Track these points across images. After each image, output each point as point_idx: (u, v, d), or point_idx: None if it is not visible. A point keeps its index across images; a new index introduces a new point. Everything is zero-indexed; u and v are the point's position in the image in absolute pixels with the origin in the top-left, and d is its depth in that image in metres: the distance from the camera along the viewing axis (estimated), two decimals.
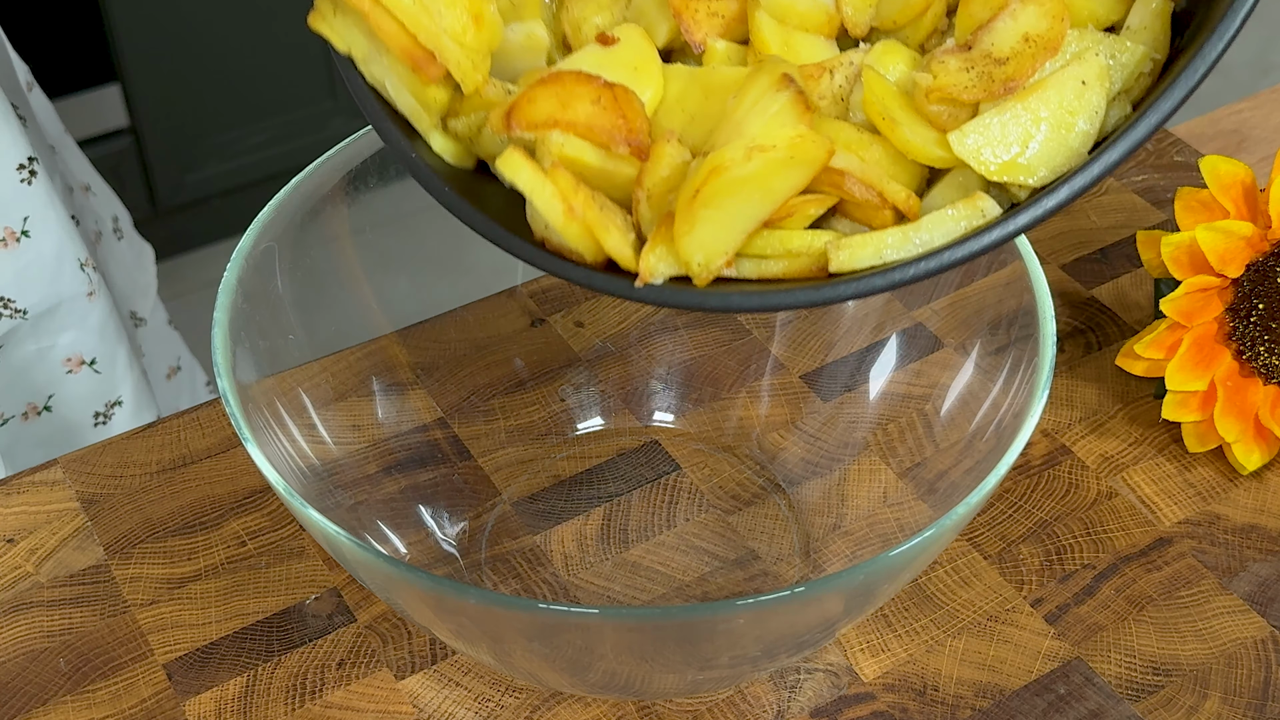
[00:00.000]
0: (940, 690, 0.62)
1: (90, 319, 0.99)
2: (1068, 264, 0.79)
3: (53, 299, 0.96)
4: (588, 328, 0.75)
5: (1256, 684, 0.62)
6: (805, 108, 0.47)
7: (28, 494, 0.70)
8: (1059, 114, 0.48)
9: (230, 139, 1.87)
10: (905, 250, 0.48)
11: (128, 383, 1.03)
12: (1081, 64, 0.48)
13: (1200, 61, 0.45)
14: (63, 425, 1.02)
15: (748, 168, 0.46)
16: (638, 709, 0.61)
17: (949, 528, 0.53)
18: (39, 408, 1.00)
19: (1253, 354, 0.68)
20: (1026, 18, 0.49)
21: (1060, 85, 0.47)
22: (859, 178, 0.48)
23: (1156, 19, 0.49)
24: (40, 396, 1.00)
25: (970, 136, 0.48)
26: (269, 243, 0.63)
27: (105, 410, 1.03)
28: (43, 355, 0.98)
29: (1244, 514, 0.68)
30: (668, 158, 0.49)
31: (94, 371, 1.01)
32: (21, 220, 0.93)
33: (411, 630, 0.64)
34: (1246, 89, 2.15)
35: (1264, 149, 0.88)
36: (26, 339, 0.97)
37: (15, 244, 0.93)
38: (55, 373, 1.00)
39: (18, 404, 0.99)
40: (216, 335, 0.58)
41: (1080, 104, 0.47)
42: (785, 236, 0.49)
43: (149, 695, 0.62)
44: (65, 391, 1.01)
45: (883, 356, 0.70)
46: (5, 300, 0.94)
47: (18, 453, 0.99)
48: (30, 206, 0.93)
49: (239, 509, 0.69)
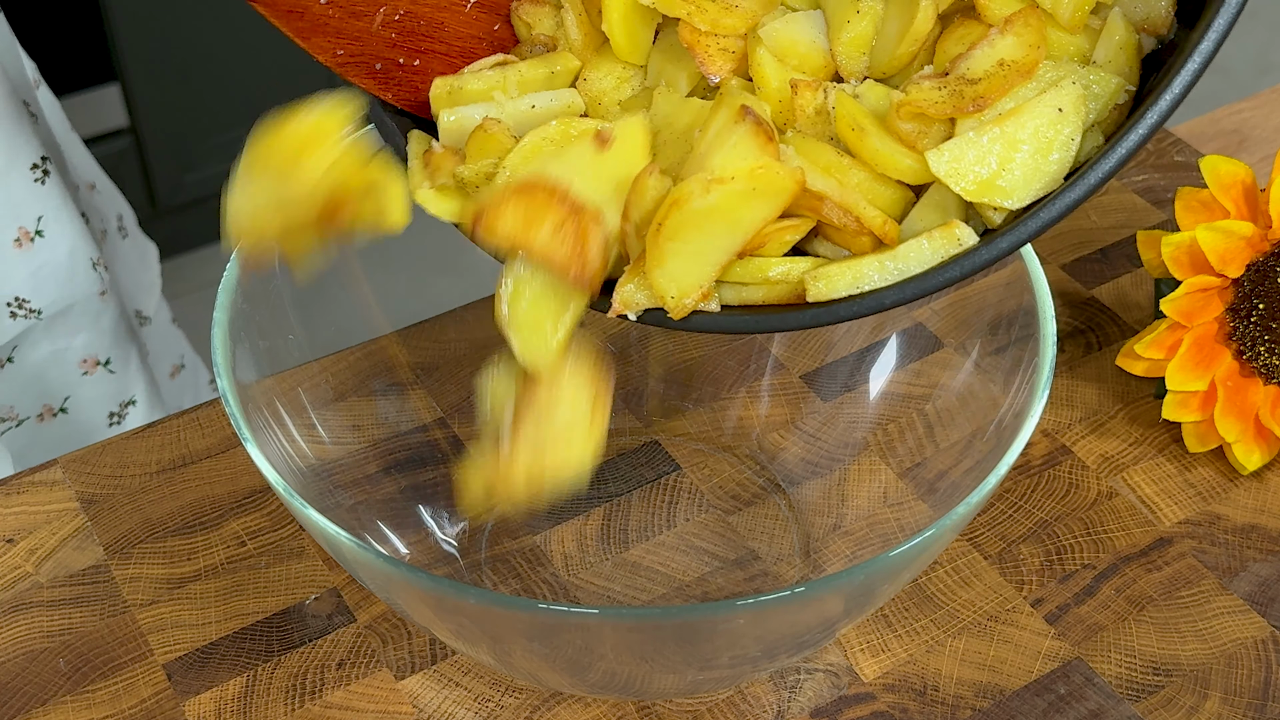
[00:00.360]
0: (940, 690, 0.62)
1: (103, 319, 0.99)
2: (1068, 264, 0.79)
3: (67, 299, 0.96)
4: (587, 328, 0.75)
5: (1257, 684, 0.62)
6: (767, 138, 0.47)
7: (28, 494, 0.70)
8: (1036, 138, 0.48)
9: (230, 139, 1.87)
10: (882, 278, 0.49)
11: (140, 382, 1.03)
12: (1059, 91, 0.48)
13: (1168, 93, 0.46)
14: (78, 427, 1.02)
15: (707, 200, 0.47)
16: (638, 709, 0.61)
17: (949, 528, 0.53)
18: (54, 409, 1.00)
19: (1253, 354, 0.68)
20: (1004, 45, 0.49)
21: (1037, 111, 0.48)
22: (836, 202, 0.48)
23: (1122, 52, 0.50)
24: (56, 398, 1.00)
25: (947, 154, 0.48)
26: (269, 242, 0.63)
27: (119, 410, 1.03)
28: (58, 357, 0.98)
29: (1244, 514, 0.68)
30: (650, 190, 0.49)
31: (108, 372, 1.01)
32: (36, 220, 0.93)
33: (411, 630, 0.64)
34: (1246, 89, 2.15)
35: (1264, 149, 0.88)
36: (41, 340, 0.97)
37: (30, 244, 0.93)
38: (71, 374, 1.00)
39: (34, 405, 0.99)
40: (216, 335, 0.58)
41: (1057, 130, 0.48)
42: (763, 264, 0.49)
43: (149, 695, 0.62)
44: (81, 393, 1.01)
45: (883, 356, 0.70)
46: (20, 300, 0.94)
47: (32, 455, 0.99)
48: (44, 206, 0.93)
49: (239, 509, 0.69)
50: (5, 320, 0.93)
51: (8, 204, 0.91)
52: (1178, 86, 0.46)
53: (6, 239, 0.92)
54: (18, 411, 0.99)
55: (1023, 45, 0.49)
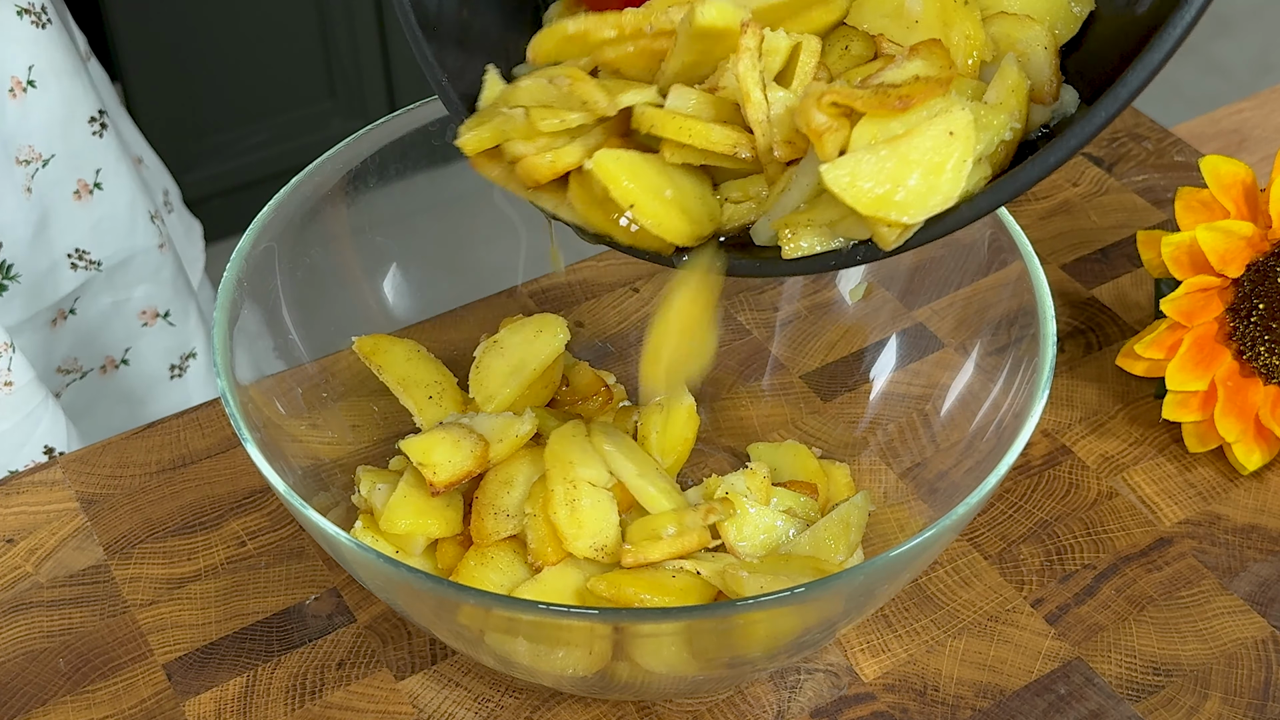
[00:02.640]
0: (940, 690, 0.62)
1: (163, 272, 1.01)
2: (1068, 264, 0.79)
3: (126, 251, 0.97)
4: (587, 327, 0.75)
5: (1257, 684, 0.62)
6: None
7: (27, 494, 0.70)
8: (928, 159, 0.49)
9: (230, 139, 1.87)
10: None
11: (199, 336, 1.05)
12: (950, 116, 0.49)
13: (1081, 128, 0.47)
14: (140, 379, 1.03)
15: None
16: (638, 709, 0.61)
17: (949, 528, 0.53)
18: (116, 361, 1.02)
19: (1253, 354, 0.68)
20: (914, 66, 0.51)
21: (930, 133, 0.49)
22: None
23: (1013, 94, 0.51)
24: (118, 350, 1.01)
25: (845, 170, 0.48)
26: (269, 243, 0.63)
27: (180, 363, 1.04)
28: (118, 308, 0.99)
29: (1244, 514, 0.68)
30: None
31: (168, 324, 1.02)
32: (95, 173, 0.94)
33: (411, 630, 0.64)
34: (1246, 89, 2.15)
35: (1264, 149, 0.88)
36: (102, 292, 0.98)
37: (89, 196, 0.94)
38: (131, 326, 1.01)
39: (96, 358, 1.01)
40: (216, 335, 0.58)
41: (948, 152, 0.49)
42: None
43: (149, 695, 0.62)
44: (142, 344, 1.02)
45: (883, 356, 0.70)
46: (81, 252, 0.95)
47: (98, 408, 1.01)
48: (102, 159, 0.94)
49: (239, 509, 0.69)
50: (66, 272, 0.95)
51: (67, 156, 0.92)
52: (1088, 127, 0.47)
53: (66, 191, 0.93)
54: (81, 364, 1.00)
55: (933, 65, 0.51)
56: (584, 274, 0.76)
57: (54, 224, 0.93)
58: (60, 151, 0.91)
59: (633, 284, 0.76)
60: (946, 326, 0.68)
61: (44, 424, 0.90)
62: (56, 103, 0.90)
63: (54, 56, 0.90)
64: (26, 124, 0.90)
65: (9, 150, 0.89)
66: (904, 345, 0.69)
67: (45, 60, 0.89)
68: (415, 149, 0.67)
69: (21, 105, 0.89)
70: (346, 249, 0.69)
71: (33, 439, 0.89)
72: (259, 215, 0.62)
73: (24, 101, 0.89)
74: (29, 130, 0.90)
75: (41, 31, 0.89)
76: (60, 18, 0.93)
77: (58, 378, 0.98)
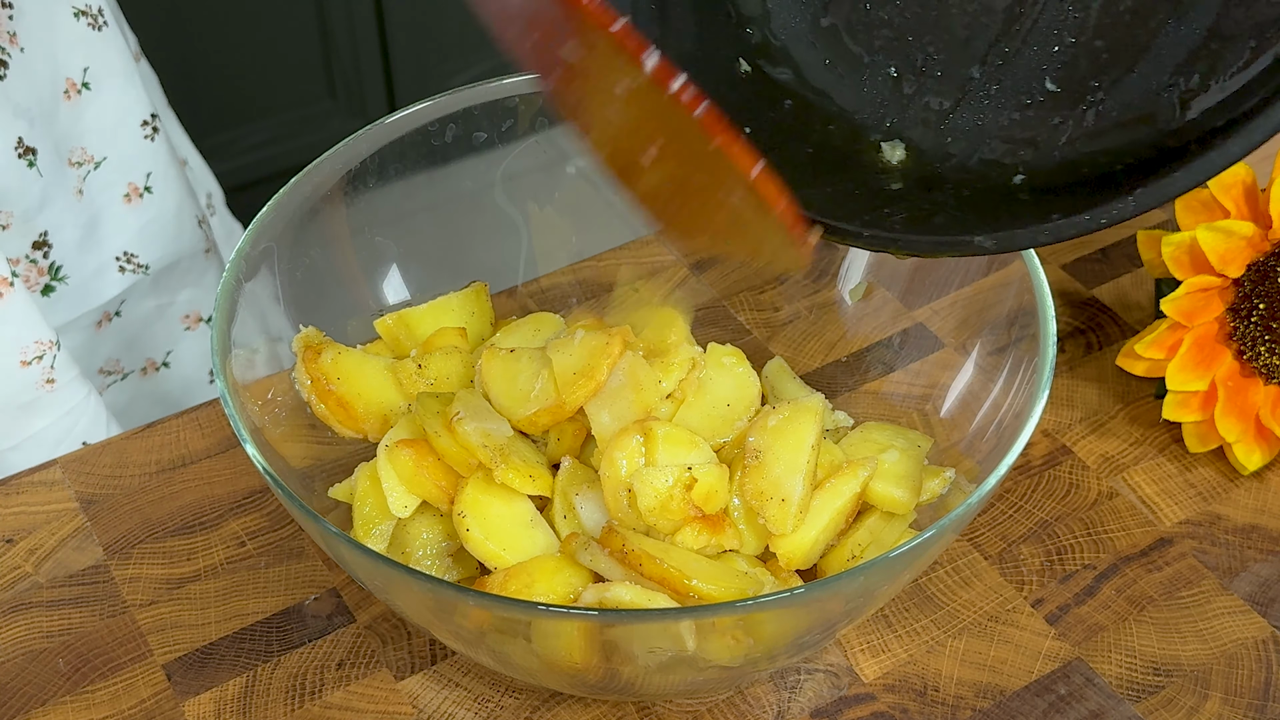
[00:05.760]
0: (940, 691, 0.62)
1: (207, 276, 1.01)
2: (1068, 264, 0.79)
3: (173, 255, 0.98)
4: None
5: (1257, 684, 0.62)
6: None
7: (27, 494, 0.70)
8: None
9: (230, 139, 1.87)
10: None
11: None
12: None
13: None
14: (179, 381, 1.04)
15: None
16: (638, 709, 0.61)
17: (949, 528, 0.53)
18: (157, 364, 1.02)
19: (1253, 354, 0.68)
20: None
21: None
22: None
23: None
24: (159, 352, 1.02)
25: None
26: (268, 243, 0.63)
27: None
28: (162, 311, 1.00)
29: (1245, 514, 0.68)
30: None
31: (209, 327, 1.03)
32: (145, 176, 0.95)
33: (411, 630, 0.64)
34: None
35: (1264, 149, 0.88)
36: (147, 295, 0.98)
37: (139, 199, 0.94)
38: (174, 329, 1.02)
39: (137, 360, 1.01)
40: (215, 335, 0.58)
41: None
42: None
43: (148, 696, 0.62)
44: (182, 348, 1.03)
45: (883, 357, 0.70)
46: (129, 255, 0.95)
47: (136, 409, 1.01)
48: (153, 163, 0.95)
49: (238, 509, 0.69)
50: (113, 275, 0.95)
51: (119, 160, 0.93)
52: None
53: (117, 195, 0.93)
54: (123, 365, 1.00)
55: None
56: (584, 274, 0.76)
57: (104, 227, 0.93)
58: (112, 155, 0.92)
59: (633, 284, 0.76)
60: (947, 326, 0.68)
61: (84, 421, 0.90)
62: (110, 105, 0.91)
63: (109, 59, 0.91)
64: (79, 126, 0.90)
65: (61, 152, 0.89)
66: (904, 345, 0.69)
67: (100, 62, 0.90)
68: (415, 149, 0.67)
69: (75, 107, 0.89)
70: (346, 249, 0.69)
71: (73, 434, 0.90)
72: (258, 215, 0.62)
73: (78, 103, 0.89)
74: (81, 132, 0.90)
75: (98, 34, 0.90)
76: (115, 19, 0.94)
77: (99, 379, 0.99)
